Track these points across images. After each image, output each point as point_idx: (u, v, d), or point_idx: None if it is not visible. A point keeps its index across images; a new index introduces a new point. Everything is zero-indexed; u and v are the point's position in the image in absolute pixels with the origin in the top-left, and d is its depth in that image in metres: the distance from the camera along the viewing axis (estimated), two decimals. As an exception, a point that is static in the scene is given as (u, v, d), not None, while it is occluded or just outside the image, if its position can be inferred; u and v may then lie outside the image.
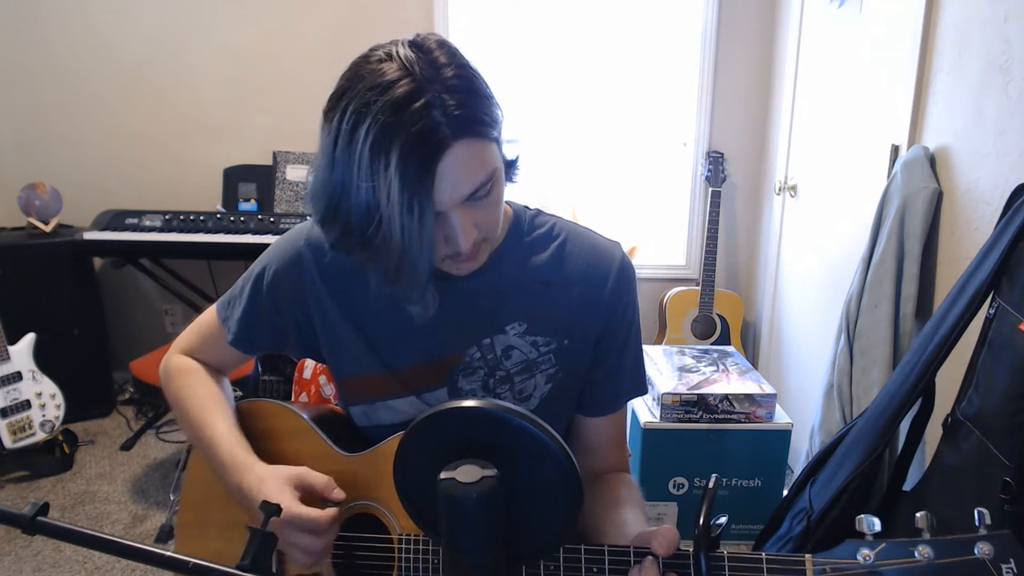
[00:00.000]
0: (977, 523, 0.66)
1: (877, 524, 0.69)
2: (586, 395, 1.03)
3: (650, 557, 0.75)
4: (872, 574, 0.68)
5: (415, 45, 0.79)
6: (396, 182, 0.74)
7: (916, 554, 0.67)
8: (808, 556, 0.71)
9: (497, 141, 0.83)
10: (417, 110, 0.74)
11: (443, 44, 0.80)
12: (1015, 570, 0.64)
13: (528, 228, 1.00)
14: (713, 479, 0.75)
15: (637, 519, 0.91)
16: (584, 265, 0.99)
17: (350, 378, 1.02)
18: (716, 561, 0.73)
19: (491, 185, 0.82)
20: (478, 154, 0.79)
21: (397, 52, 0.78)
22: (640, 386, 1.06)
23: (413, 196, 0.75)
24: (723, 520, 0.74)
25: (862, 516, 0.70)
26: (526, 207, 1.03)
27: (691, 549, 0.74)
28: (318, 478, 0.89)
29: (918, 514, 0.68)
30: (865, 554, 0.68)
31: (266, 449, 1.02)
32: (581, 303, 0.98)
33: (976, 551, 0.65)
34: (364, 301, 0.98)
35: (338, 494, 0.89)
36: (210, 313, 1.09)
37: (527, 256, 0.99)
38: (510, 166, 0.89)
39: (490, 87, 0.82)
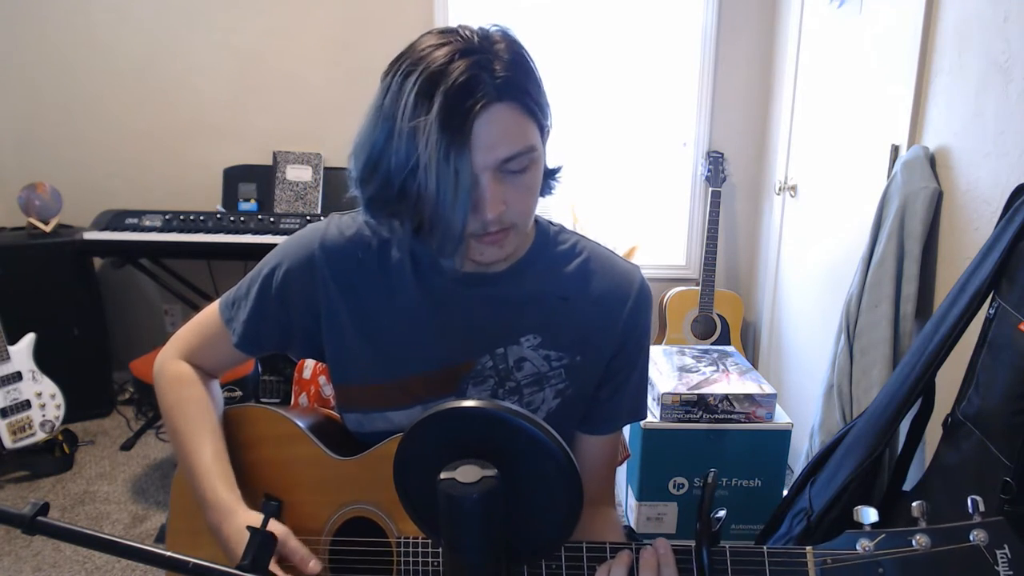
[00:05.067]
0: (971, 511, 0.68)
1: (873, 514, 0.70)
2: (586, 411, 1.02)
3: (627, 552, 0.76)
4: (872, 563, 0.69)
5: (475, 28, 0.84)
6: (436, 127, 0.76)
7: (914, 543, 0.68)
8: (809, 548, 0.72)
9: (541, 126, 0.86)
10: (466, 66, 0.78)
11: (505, 33, 0.85)
12: (1009, 555, 0.65)
13: (552, 242, 1.00)
14: (712, 474, 0.76)
15: None
16: (604, 286, 0.99)
17: (351, 385, 1.00)
18: (718, 555, 0.73)
19: (527, 163, 0.83)
20: (518, 122, 0.81)
21: (456, 28, 0.83)
22: (639, 413, 1.06)
23: (451, 144, 0.77)
24: (722, 514, 0.74)
25: (859, 507, 0.71)
26: (550, 222, 1.03)
27: (693, 544, 0.74)
28: (296, 549, 0.88)
29: (914, 503, 0.70)
30: (864, 544, 0.69)
31: (258, 457, 1.02)
32: (598, 322, 0.98)
33: (971, 538, 0.66)
34: (376, 309, 0.97)
35: (314, 567, 0.88)
36: (211, 313, 1.06)
37: (549, 270, 0.98)
38: (549, 175, 0.92)
39: (542, 80, 0.86)
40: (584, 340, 0.98)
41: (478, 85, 0.77)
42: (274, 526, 0.87)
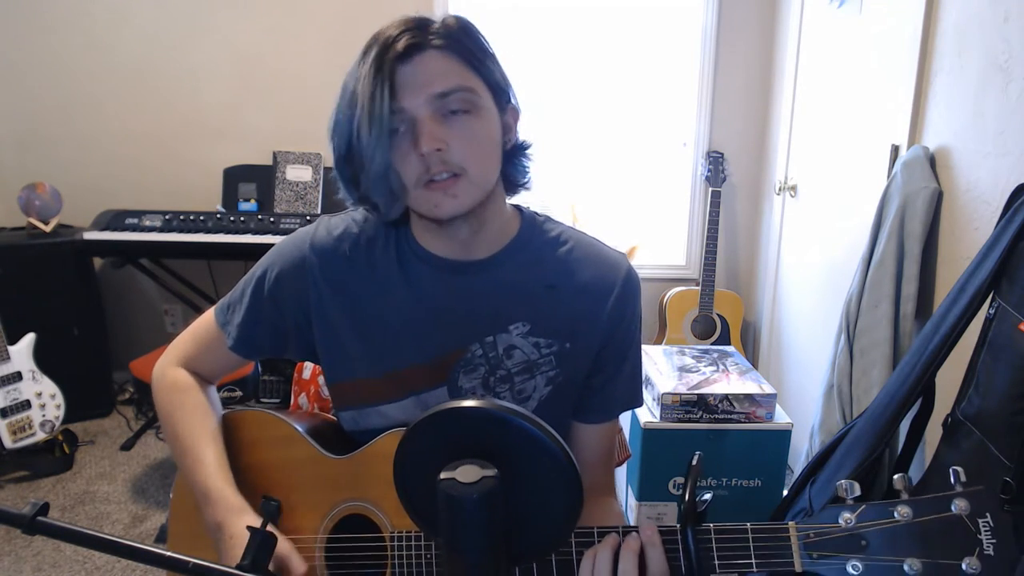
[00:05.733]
0: (952, 481, 0.69)
1: (856, 488, 0.70)
2: (581, 400, 1.03)
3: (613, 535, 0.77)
4: (854, 536, 0.69)
5: None
6: (369, 71, 0.84)
7: (895, 514, 0.69)
8: (791, 523, 0.72)
9: (491, 86, 0.90)
10: (404, 24, 0.87)
11: (457, 16, 0.91)
12: (991, 524, 0.66)
13: (538, 231, 1.01)
14: (696, 456, 0.76)
15: None
16: (590, 274, 1.00)
17: (346, 382, 1.01)
18: (703, 534, 0.74)
19: (468, 105, 0.87)
20: (453, 66, 0.87)
21: None
22: (635, 399, 1.06)
23: (376, 81, 0.83)
24: (708, 496, 0.75)
25: (842, 481, 0.71)
26: (536, 212, 1.04)
27: (678, 525, 0.75)
28: (299, 566, 0.88)
29: (895, 476, 0.70)
30: (846, 517, 0.70)
31: (255, 459, 1.02)
32: (585, 310, 0.99)
33: (953, 507, 0.67)
34: (366, 304, 0.98)
35: None
36: (207, 318, 1.08)
37: (535, 259, 0.99)
38: (519, 151, 0.96)
39: (494, 53, 0.92)
40: (573, 328, 0.99)
41: (410, 35, 0.85)
42: (279, 542, 0.87)
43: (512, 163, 0.97)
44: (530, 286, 0.98)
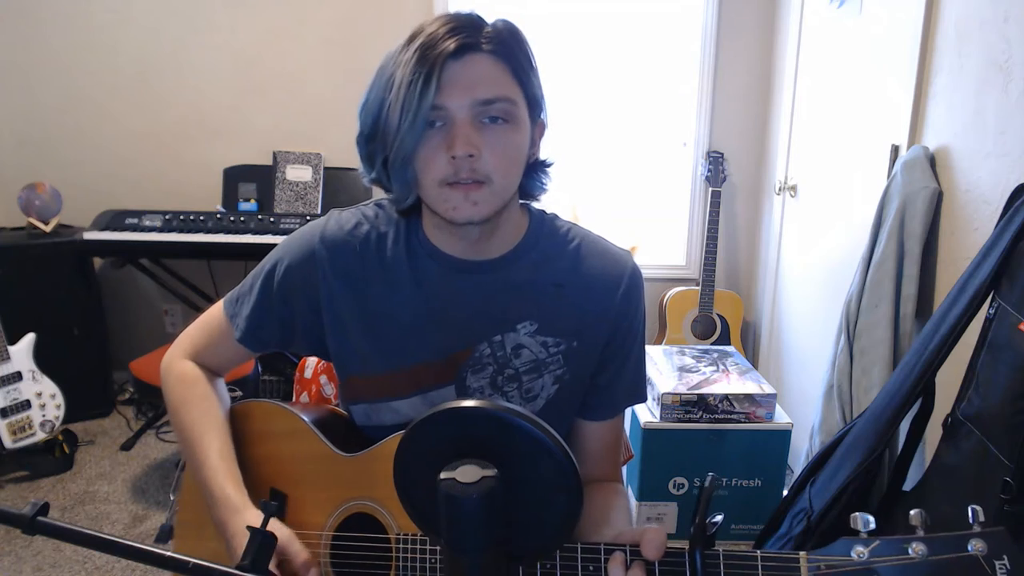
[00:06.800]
0: (971, 520, 0.67)
1: (871, 521, 0.69)
2: (586, 398, 1.04)
3: (621, 557, 0.75)
4: (866, 571, 0.68)
5: None
6: (414, 56, 0.84)
7: (910, 551, 0.67)
8: (803, 554, 0.71)
9: (529, 99, 0.90)
10: (458, 18, 0.86)
11: (505, 20, 0.90)
12: (1008, 566, 0.64)
13: (545, 230, 1.02)
14: (710, 478, 0.76)
15: (624, 527, 0.91)
16: (597, 271, 1.00)
17: (355, 377, 1.02)
18: (711, 559, 0.73)
19: (507, 115, 0.87)
20: (500, 74, 0.86)
21: None
22: (639, 395, 1.07)
23: (420, 73, 0.83)
24: (719, 519, 0.74)
25: (856, 514, 0.70)
26: (543, 211, 1.05)
27: (686, 547, 0.74)
28: (299, 553, 0.88)
29: (912, 511, 0.69)
30: (859, 551, 0.69)
31: (265, 451, 1.02)
32: (592, 308, 0.99)
33: (970, 548, 0.65)
34: (376, 300, 0.98)
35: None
36: (216, 310, 1.08)
37: (543, 258, 1.00)
38: (540, 167, 0.97)
39: (537, 67, 0.92)
40: (580, 326, 0.99)
41: (464, 34, 0.84)
42: (278, 529, 0.87)
43: (531, 177, 0.98)
44: (538, 284, 0.99)
